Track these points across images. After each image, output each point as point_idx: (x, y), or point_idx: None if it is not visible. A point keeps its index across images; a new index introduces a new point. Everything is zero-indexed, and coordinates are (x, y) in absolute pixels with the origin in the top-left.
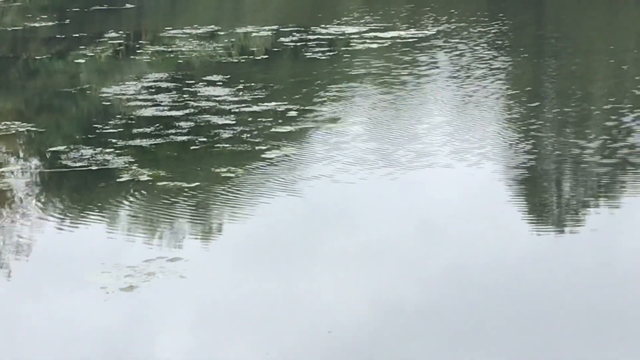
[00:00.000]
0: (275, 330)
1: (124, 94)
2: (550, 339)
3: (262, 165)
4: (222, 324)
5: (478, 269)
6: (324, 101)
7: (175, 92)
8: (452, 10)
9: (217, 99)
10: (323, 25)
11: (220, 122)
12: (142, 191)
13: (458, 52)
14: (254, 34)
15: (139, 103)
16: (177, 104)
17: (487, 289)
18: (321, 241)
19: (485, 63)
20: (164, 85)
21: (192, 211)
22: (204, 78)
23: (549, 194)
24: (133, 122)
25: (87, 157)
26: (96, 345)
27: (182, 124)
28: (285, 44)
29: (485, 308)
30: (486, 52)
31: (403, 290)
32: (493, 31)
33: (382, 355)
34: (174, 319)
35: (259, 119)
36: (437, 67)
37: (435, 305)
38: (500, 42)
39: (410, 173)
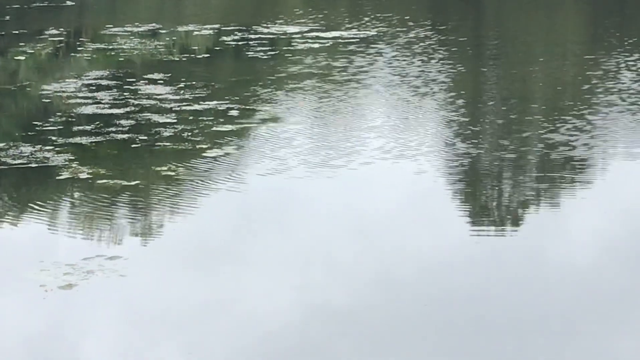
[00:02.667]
0: (206, 331)
1: (64, 92)
2: (478, 342)
3: (202, 164)
4: (157, 323)
5: (409, 271)
6: (265, 100)
7: (116, 90)
8: (393, 13)
9: (158, 97)
10: (265, 25)
11: (161, 121)
12: (82, 189)
13: (397, 54)
14: (195, 33)
15: (79, 100)
16: (118, 101)
17: (418, 291)
18: (258, 242)
19: (424, 66)
20: (104, 83)
21: (132, 209)
22: (145, 76)
23: (482, 198)
24: (73, 119)
25: (26, 154)
26: (30, 343)
27: (123, 122)
28: (226, 43)
29: (415, 310)
30: (424, 56)
31: (333, 292)
32: (432, 34)
33: (311, 357)
34: (110, 317)
35: (200, 118)
36: (377, 68)
37: (365, 307)
38: (438, 46)
39: (347, 174)
